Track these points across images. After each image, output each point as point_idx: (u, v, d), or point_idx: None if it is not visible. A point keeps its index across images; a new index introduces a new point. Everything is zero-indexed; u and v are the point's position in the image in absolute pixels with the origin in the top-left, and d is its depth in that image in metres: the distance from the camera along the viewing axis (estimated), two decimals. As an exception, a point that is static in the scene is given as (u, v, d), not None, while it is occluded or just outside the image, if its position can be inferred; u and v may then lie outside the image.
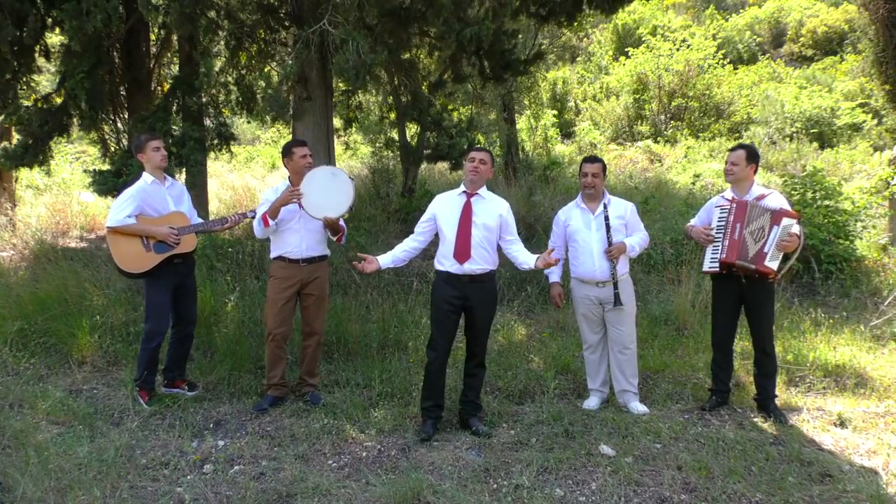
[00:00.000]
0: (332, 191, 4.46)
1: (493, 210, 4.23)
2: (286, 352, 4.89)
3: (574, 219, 4.61)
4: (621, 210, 4.54)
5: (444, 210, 4.28)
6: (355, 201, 4.54)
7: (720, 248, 4.39)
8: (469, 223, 4.16)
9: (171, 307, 4.76)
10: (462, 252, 4.14)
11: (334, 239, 4.72)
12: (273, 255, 4.72)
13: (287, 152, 4.72)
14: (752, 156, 4.46)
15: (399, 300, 6.46)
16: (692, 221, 4.80)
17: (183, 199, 4.83)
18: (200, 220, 4.85)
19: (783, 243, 4.24)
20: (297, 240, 4.62)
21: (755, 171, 4.52)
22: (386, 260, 4.30)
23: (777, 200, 4.42)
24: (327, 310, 5.03)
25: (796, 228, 4.30)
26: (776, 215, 4.29)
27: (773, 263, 4.26)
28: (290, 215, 4.56)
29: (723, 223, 4.43)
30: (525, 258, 4.22)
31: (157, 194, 4.65)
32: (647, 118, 22.16)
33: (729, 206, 4.43)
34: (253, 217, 4.73)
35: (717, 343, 4.63)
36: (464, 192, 4.27)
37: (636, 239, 4.52)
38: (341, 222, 4.66)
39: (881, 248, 7.85)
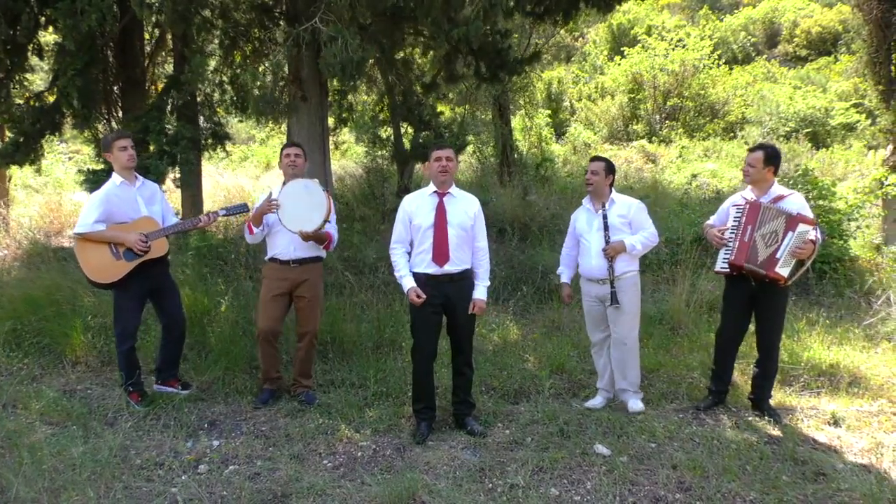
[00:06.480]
0: (304, 205, 4.44)
1: (468, 209, 4.16)
2: (278, 349, 4.88)
3: (580, 220, 4.66)
4: (624, 209, 4.51)
5: (417, 211, 4.15)
6: (330, 213, 4.49)
7: (732, 249, 4.34)
8: (445, 224, 4.08)
9: (156, 311, 4.71)
10: (440, 254, 4.07)
11: (321, 247, 4.72)
12: (267, 256, 4.78)
13: (280, 153, 4.86)
14: (771, 157, 4.34)
15: (394, 300, 6.45)
16: (711, 219, 4.73)
17: (155, 199, 4.67)
18: (172, 222, 4.73)
19: (797, 250, 4.14)
20: (286, 242, 4.63)
21: (775, 173, 4.40)
22: (411, 280, 4.14)
23: (797, 201, 4.32)
24: (322, 311, 5.00)
25: (812, 234, 4.18)
26: (792, 220, 4.19)
27: (784, 270, 4.17)
28: (277, 219, 4.59)
29: (737, 223, 4.37)
30: (477, 289, 4.18)
31: (126, 196, 4.47)
32: (642, 118, 22.21)
33: (743, 207, 4.37)
34: (225, 216, 4.79)
35: (723, 343, 4.59)
36: (435, 191, 4.16)
37: (638, 237, 4.47)
38: (329, 230, 4.63)
39: (875, 248, 7.87)
